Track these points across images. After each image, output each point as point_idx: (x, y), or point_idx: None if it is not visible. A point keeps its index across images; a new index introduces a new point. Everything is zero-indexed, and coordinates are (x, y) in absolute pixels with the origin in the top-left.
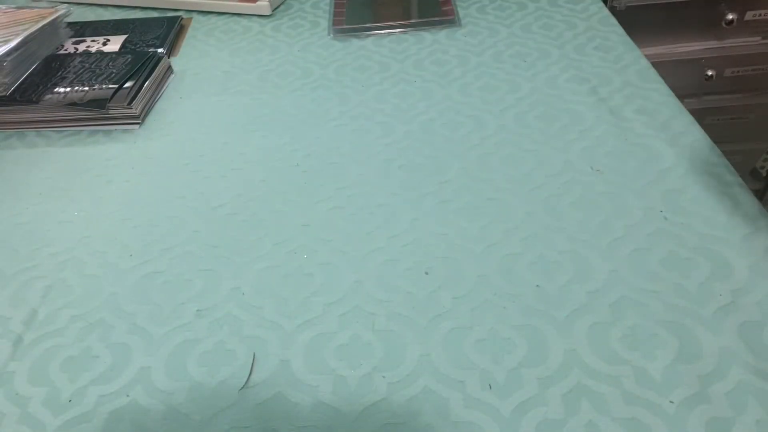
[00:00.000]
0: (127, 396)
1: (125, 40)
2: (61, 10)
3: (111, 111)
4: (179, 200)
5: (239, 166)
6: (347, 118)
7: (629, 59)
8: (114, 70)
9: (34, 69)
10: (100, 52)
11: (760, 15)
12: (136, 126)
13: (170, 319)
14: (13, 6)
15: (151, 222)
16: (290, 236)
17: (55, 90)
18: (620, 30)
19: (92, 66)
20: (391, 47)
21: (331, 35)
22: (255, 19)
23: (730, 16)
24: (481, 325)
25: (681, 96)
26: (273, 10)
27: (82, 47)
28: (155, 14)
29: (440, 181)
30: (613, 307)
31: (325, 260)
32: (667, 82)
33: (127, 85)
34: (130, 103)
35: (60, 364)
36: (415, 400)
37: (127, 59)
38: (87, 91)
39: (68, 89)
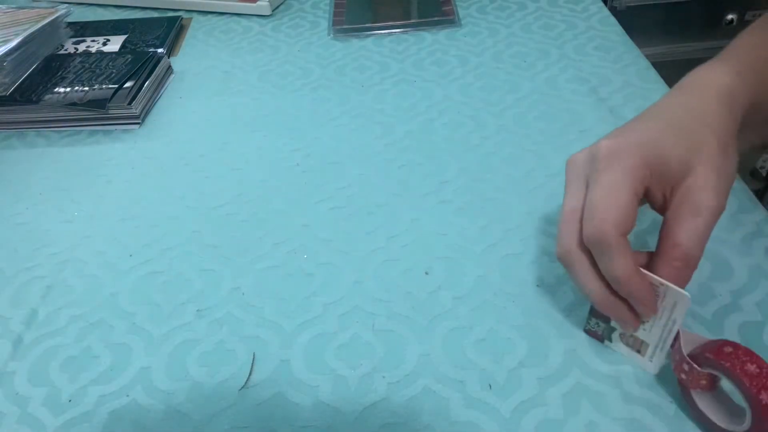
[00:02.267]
0: (127, 396)
1: (125, 40)
2: (61, 10)
3: (111, 111)
4: (179, 200)
5: (239, 166)
6: (347, 118)
7: (629, 59)
8: (114, 70)
9: (34, 69)
10: (100, 52)
11: (760, 15)
12: (136, 126)
13: (170, 319)
14: (13, 6)
15: (151, 222)
16: (290, 236)
17: (55, 90)
18: (620, 30)
19: (92, 66)
20: (391, 47)
21: (331, 35)
22: (255, 19)
23: (730, 16)
24: (481, 325)
25: None
26: (273, 10)
27: (82, 47)
28: (155, 14)
29: (440, 181)
30: None
31: (325, 260)
32: (667, 82)
33: (127, 85)
34: (130, 103)
35: (60, 364)
36: (415, 400)
37: (127, 59)
38: (87, 91)
39: (68, 89)
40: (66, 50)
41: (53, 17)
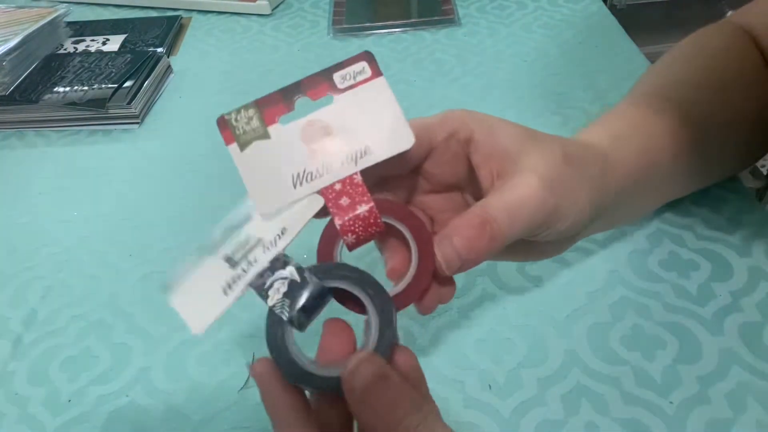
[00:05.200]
0: (127, 396)
1: (125, 39)
2: (61, 9)
3: (110, 110)
4: (179, 200)
5: None
6: None
7: (629, 58)
8: (113, 70)
9: (33, 68)
10: (99, 52)
11: None
12: (136, 125)
13: (170, 319)
14: (12, 6)
15: (151, 222)
16: None
17: (55, 89)
18: (620, 29)
19: (91, 65)
20: (391, 47)
21: (331, 35)
22: (255, 18)
23: (730, 14)
24: (481, 325)
25: None
26: (272, 10)
27: (81, 47)
28: (154, 14)
29: None
30: (613, 307)
31: None
32: None
33: (126, 84)
34: (129, 103)
35: (59, 364)
36: None
37: (126, 59)
38: (86, 91)
39: (67, 89)
40: (65, 50)
41: (52, 17)
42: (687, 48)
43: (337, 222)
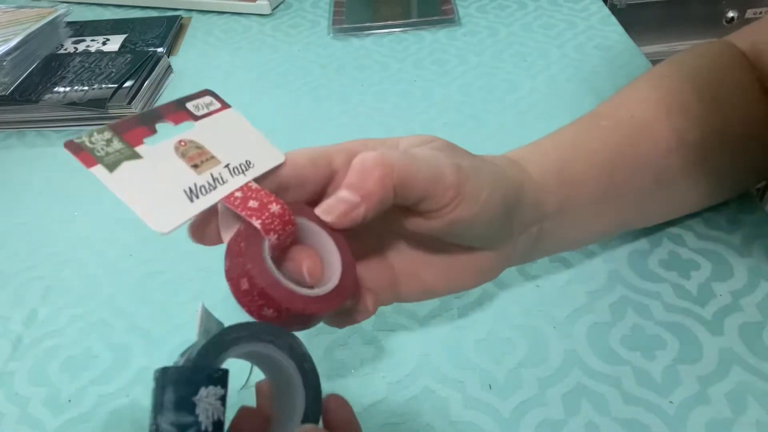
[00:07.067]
0: (127, 396)
1: (125, 39)
2: (61, 9)
3: (110, 111)
4: None
5: None
6: (347, 118)
7: (629, 58)
8: (113, 70)
9: (33, 68)
10: (99, 52)
11: (760, 13)
12: None
13: (170, 319)
14: (12, 6)
15: None
16: None
17: (55, 90)
18: (620, 29)
19: (92, 65)
20: (391, 47)
21: (331, 34)
22: (255, 18)
23: (730, 14)
24: (480, 325)
25: None
26: (273, 10)
27: (81, 47)
28: (155, 13)
29: None
30: (613, 307)
31: None
32: None
33: (126, 84)
34: (129, 103)
35: (60, 364)
36: (415, 400)
37: (126, 59)
38: (86, 91)
39: (68, 89)
40: (65, 50)
41: (53, 17)
42: (662, 67)
43: (257, 222)
